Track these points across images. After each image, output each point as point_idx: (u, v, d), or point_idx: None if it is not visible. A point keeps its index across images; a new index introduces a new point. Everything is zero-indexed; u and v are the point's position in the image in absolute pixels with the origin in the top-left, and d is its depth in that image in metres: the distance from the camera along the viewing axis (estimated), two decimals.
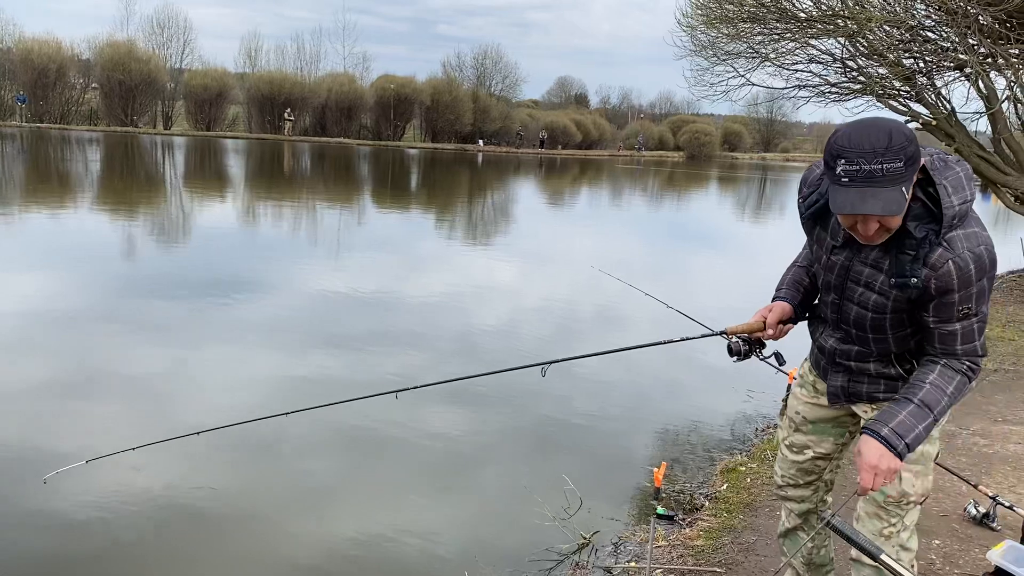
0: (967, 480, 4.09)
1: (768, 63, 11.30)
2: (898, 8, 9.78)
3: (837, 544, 2.75)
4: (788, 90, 11.98)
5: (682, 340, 2.69)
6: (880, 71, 10.62)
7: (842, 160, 1.96)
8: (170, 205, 17.57)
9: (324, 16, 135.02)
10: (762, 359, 2.58)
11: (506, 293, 10.41)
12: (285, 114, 47.23)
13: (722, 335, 2.55)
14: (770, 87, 12.60)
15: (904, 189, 1.94)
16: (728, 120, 73.31)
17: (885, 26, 9.75)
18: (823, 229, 2.29)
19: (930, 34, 10.22)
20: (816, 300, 2.53)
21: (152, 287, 9.09)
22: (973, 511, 3.95)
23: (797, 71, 11.58)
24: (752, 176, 48.02)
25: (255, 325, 7.81)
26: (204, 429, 3.06)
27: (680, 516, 4.15)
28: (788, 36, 10.83)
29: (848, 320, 2.29)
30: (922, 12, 9.85)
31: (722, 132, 71.31)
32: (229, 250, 12.27)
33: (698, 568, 3.53)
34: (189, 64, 50.58)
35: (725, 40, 11.31)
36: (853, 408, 2.45)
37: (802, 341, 2.61)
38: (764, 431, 5.68)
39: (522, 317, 9.03)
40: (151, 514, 4.13)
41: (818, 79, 11.52)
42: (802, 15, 10.56)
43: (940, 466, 4.22)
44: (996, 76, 10.22)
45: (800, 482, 2.63)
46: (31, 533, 3.88)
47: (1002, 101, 10.18)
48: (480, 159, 45.07)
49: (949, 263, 2.02)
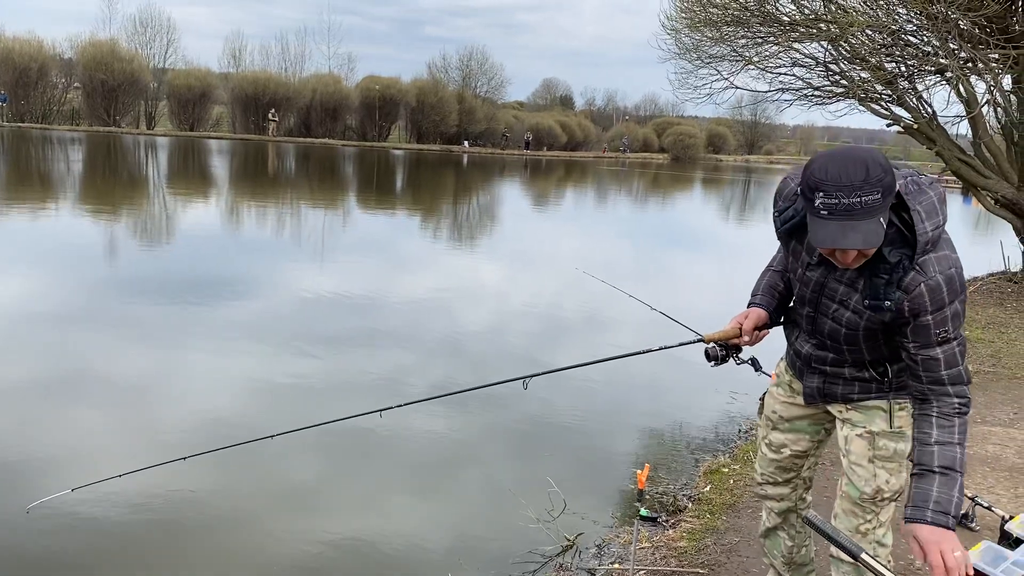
0: None
1: (752, 66, 11.37)
2: (880, 13, 9.86)
3: (818, 543, 2.78)
4: (771, 93, 12.05)
5: (661, 349, 2.70)
6: (862, 75, 10.71)
7: (820, 193, 1.97)
8: (152, 206, 17.45)
9: (309, 16, 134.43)
10: (739, 363, 2.61)
11: (491, 296, 10.42)
12: (269, 114, 46.99)
13: (700, 342, 2.58)
14: (754, 90, 12.72)
15: (882, 220, 1.97)
16: (712, 122, 73.56)
17: (867, 30, 9.84)
18: (799, 243, 2.32)
19: (911, 38, 10.32)
20: (791, 304, 2.55)
21: (133, 290, 9.03)
22: None
23: (780, 74, 11.66)
24: (736, 178, 48.26)
25: (238, 329, 7.77)
26: (191, 454, 3.13)
27: (663, 518, 4.17)
28: (771, 40, 10.89)
29: (823, 332, 2.34)
30: (903, 17, 9.93)
31: (706, 134, 71.58)
32: (211, 253, 12.20)
33: (681, 569, 3.54)
34: (172, 64, 50.24)
35: (709, 43, 11.36)
36: (828, 407, 2.49)
37: (778, 343, 2.64)
38: (747, 432, 5.72)
39: (507, 320, 9.04)
40: (134, 521, 4.10)
41: (801, 82, 11.60)
42: (785, 19, 10.63)
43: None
44: (976, 80, 10.33)
45: (779, 480, 2.67)
46: (12, 541, 3.85)
47: (982, 105, 10.29)
48: (465, 160, 45.04)
49: (921, 286, 2.06)
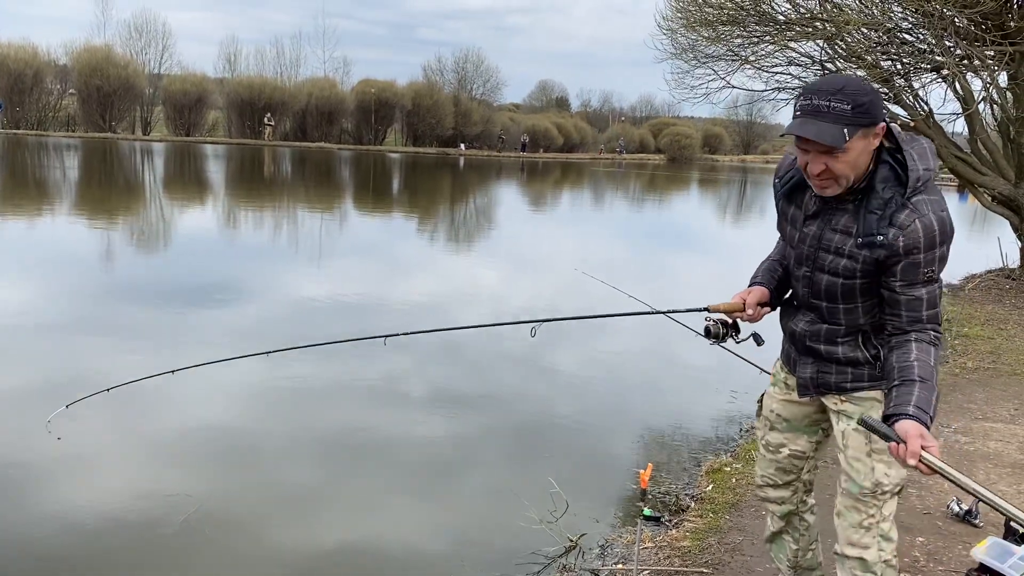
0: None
1: (748, 65, 11.38)
2: (875, 11, 9.87)
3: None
4: (768, 92, 12.06)
5: (667, 313, 2.80)
6: (858, 73, 10.70)
7: (802, 97, 2.15)
8: (148, 212, 17.42)
9: (303, 20, 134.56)
10: (738, 342, 2.65)
11: (489, 296, 10.40)
12: (265, 119, 46.97)
13: (704, 311, 2.64)
14: (750, 89, 12.69)
15: (846, 131, 2.07)
16: (708, 123, 73.66)
17: (863, 28, 9.84)
18: (797, 207, 2.40)
19: (907, 36, 10.33)
20: (787, 293, 2.58)
21: (130, 294, 9.00)
22: (956, 508, 3.98)
23: (776, 73, 11.67)
24: (733, 178, 48.31)
25: (235, 330, 7.74)
26: (179, 368, 3.10)
27: (666, 517, 4.16)
28: (767, 39, 10.90)
29: (819, 292, 2.35)
30: (899, 15, 9.94)
31: (702, 135, 71.69)
32: (207, 258, 12.17)
33: (685, 569, 3.53)
34: (168, 69, 50.28)
35: (705, 43, 11.37)
36: (823, 400, 2.47)
37: (777, 336, 2.64)
38: (748, 431, 5.70)
39: (509, 319, 9.02)
40: (131, 523, 4.08)
41: (798, 81, 11.60)
42: (781, 18, 10.64)
43: None
44: (972, 77, 10.34)
45: (779, 482, 2.65)
46: (11, 545, 3.83)
47: (979, 102, 10.30)
48: (462, 163, 45.04)
49: (916, 222, 2.12)
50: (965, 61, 9.59)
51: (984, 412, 5.71)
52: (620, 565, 3.71)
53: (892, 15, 9.95)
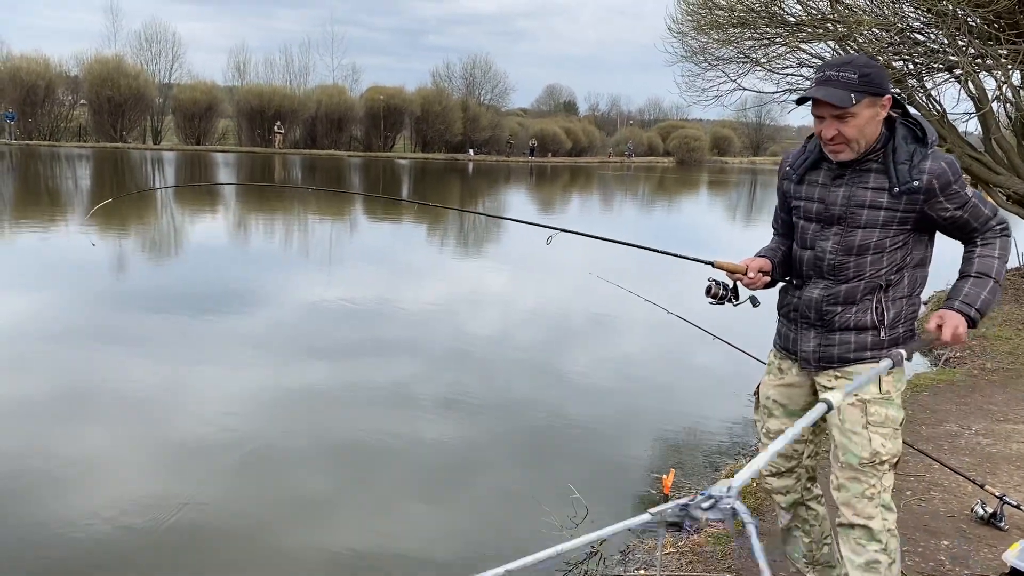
0: (973, 480, 4.08)
1: (759, 68, 11.34)
2: (887, 11, 9.82)
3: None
4: (779, 94, 12.01)
5: (674, 255, 2.97)
6: None
7: (816, 72, 2.46)
8: (160, 220, 17.50)
9: (312, 28, 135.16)
10: (736, 304, 2.77)
11: (503, 301, 10.39)
12: (275, 127, 47.19)
13: (711, 265, 2.77)
14: (761, 91, 12.65)
15: (853, 96, 2.32)
16: (717, 125, 73.62)
17: (875, 29, 9.80)
18: (812, 184, 2.58)
19: (918, 36, 10.27)
20: (785, 276, 2.70)
21: (144, 302, 9.04)
22: (980, 511, 3.94)
23: (787, 75, 11.63)
24: (742, 180, 48.19)
25: (249, 337, 7.77)
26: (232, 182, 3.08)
27: (688, 523, 4.13)
28: (778, 41, 10.87)
29: (851, 247, 2.47)
30: (911, 15, 9.89)
31: (711, 137, 71.64)
32: (220, 264, 12.22)
33: (708, 574, 3.51)
34: (178, 78, 50.58)
35: (716, 45, 11.35)
36: (818, 380, 2.58)
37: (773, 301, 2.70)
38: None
39: (520, 324, 9.02)
40: (144, 530, 4.09)
41: (808, 83, 11.56)
42: (791, 19, 10.61)
43: (946, 466, 4.22)
44: (985, 76, 10.28)
45: (781, 469, 2.73)
46: (27, 549, 3.84)
47: (993, 101, 10.23)
48: (471, 168, 45.10)
49: (941, 163, 2.40)
50: (979, 60, 9.54)
51: (1005, 414, 5.67)
52: (642, 571, 3.69)
53: (904, 16, 9.90)
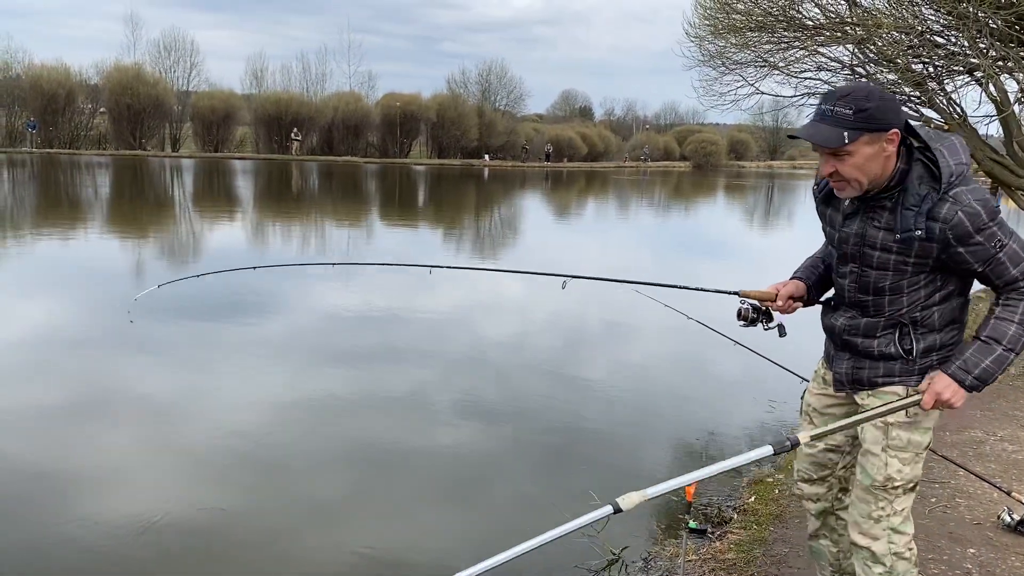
0: (999, 487, 4.03)
1: (777, 71, 11.28)
2: (906, 14, 9.75)
3: None
4: (797, 98, 11.93)
5: (697, 289, 2.96)
6: (889, 77, 10.58)
7: (818, 103, 2.29)
8: (179, 226, 17.63)
9: (329, 36, 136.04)
10: (766, 329, 2.71)
11: (518, 307, 10.38)
12: (292, 134, 47.44)
13: (736, 295, 2.72)
14: (779, 95, 12.55)
15: (846, 134, 2.17)
16: (734, 129, 73.31)
17: (894, 32, 9.73)
18: (835, 210, 2.47)
19: (938, 39, 10.19)
20: (827, 291, 2.65)
21: (163, 309, 9.10)
22: (1007, 519, 3.89)
23: (806, 79, 11.55)
24: (760, 184, 47.96)
25: (266, 343, 7.80)
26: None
27: (710, 530, 4.11)
28: (796, 44, 10.80)
29: (868, 287, 2.38)
30: (931, 17, 9.81)
31: (728, 141, 71.35)
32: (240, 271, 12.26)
33: None
34: (196, 86, 50.96)
35: (734, 50, 11.30)
36: (856, 398, 2.52)
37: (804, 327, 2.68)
38: None
39: (536, 330, 9.00)
40: (161, 533, 4.11)
41: (827, 87, 11.48)
42: (809, 23, 10.55)
43: (971, 473, 4.17)
44: (1007, 79, 10.18)
45: (814, 476, 2.71)
46: (45, 551, 3.87)
47: (1014, 104, 10.12)
48: (486, 174, 45.15)
49: (959, 214, 2.16)
50: (1000, 62, 9.45)
51: None
52: None
53: (924, 18, 9.83)
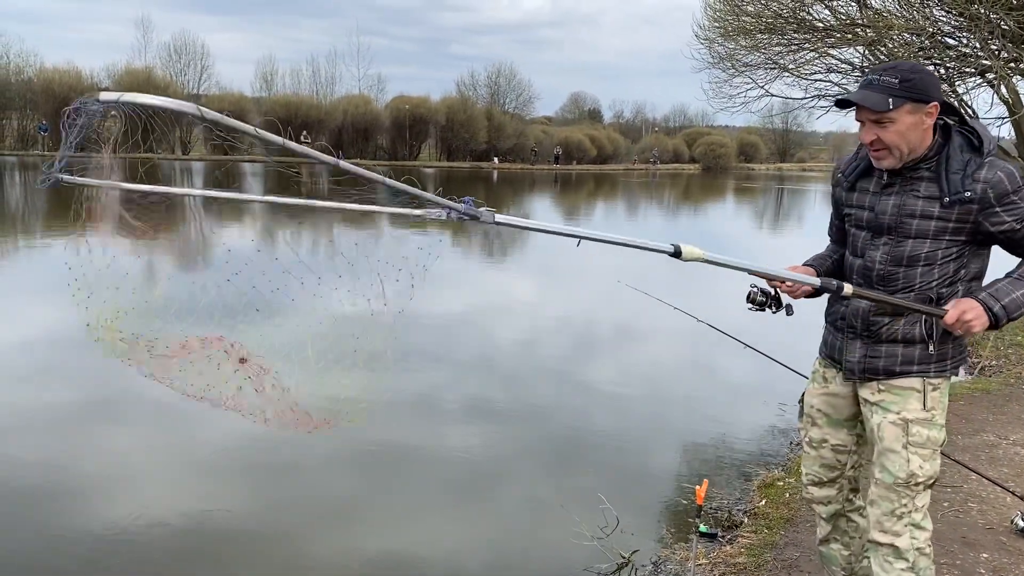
0: (1012, 491, 4.01)
1: (787, 73, 11.26)
2: (917, 15, 9.71)
3: None
4: (807, 100, 11.90)
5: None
6: None
7: (862, 77, 2.38)
8: (189, 229, 17.66)
9: (338, 39, 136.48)
10: (774, 312, 2.72)
11: (528, 308, 10.38)
12: (302, 136, 47.63)
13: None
14: (789, 97, 12.52)
15: (891, 100, 2.26)
16: (743, 131, 73.20)
17: (905, 33, 9.69)
18: (865, 190, 2.52)
19: (950, 40, 10.14)
20: (851, 261, 2.62)
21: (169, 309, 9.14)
22: (1021, 523, 3.86)
23: (816, 81, 11.52)
24: (769, 186, 47.84)
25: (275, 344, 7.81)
26: None
27: (721, 533, 4.09)
28: (807, 46, 10.78)
29: (902, 257, 2.41)
30: (942, 19, 9.77)
31: (737, 143, 71.23)
32: (248, 273, 12.30)
33: None
34: (206, 89, 51.27)
35: (743, 52, 11.29)
36: (862, 392, 2.52)
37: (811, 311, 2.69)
38: (798, 445, 5.60)
39: (546, 332, 9.00)
40: (170, 535, 4.13)
41: (837, 88, 11.44)
42: (820, 25, 10.52)
43: (984, 477, 4.15)
44: (1019, 81, 10.13)
45: (823, 479, 2.70)
46: (54, 552, 3.89)
47: None
48: (495, 176, 45.19)
49: (998, 172, 2.30)
50: (1012, 64, 9.40)
51: None
52: None
53: (935, 19, 9.78)
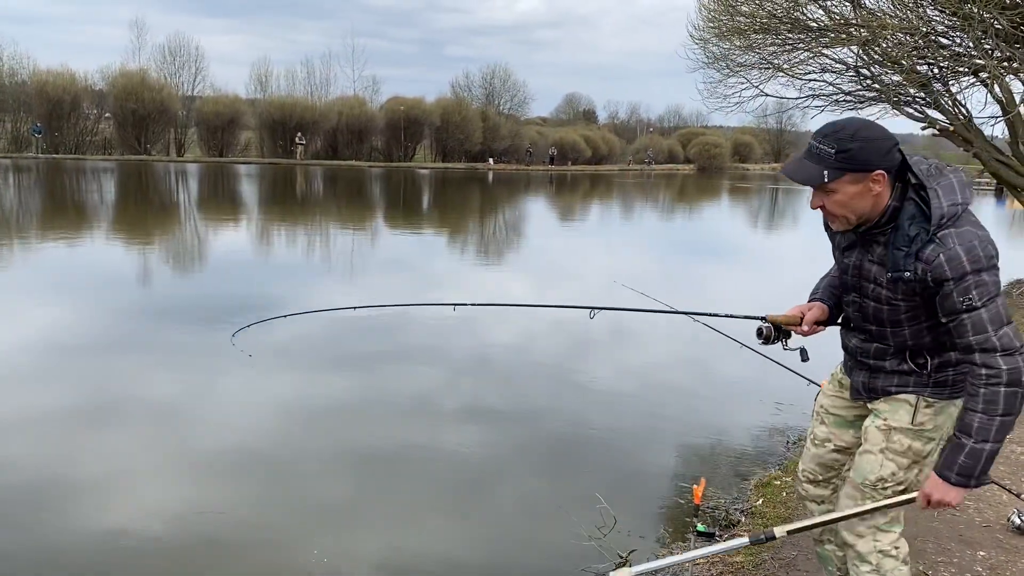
0: (1009, 489, 4.02)
1: (781, 73, 11.28)
2: (911, 15, 9.74)
3: None
4: (802, 100, 11.93)
5: (728, 316, 2.94)
6: (895, 78, 10.57)
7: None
8: (184, 232, 17.67)
9: (333, 40, 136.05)
10: (786, 348, 2.73)
11: (525, 310, 10.37)
12: (296, 138, 47.53)
13: (762, 319, 2.73)
14: (784, 97, 12.56)
15: (826, 173, 2.21)
16: (738, 132, 73.30)
17: (898, 33, 9.71)
18: (842, 236, 2.49)
19: (943, 39, 10.17)
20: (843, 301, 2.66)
21: (167, 313, 9.12)
22: (1017, 521, 3.88)
23: (810, 80, 11.55)
24: (764, 187, 47.93)
25: (271, 347, 7.80)
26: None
27: (718, 533, 4.10)
28: (801, 46, 10.81)
29: (869, 316, 2.43)
30: (936, 18, 9.80)
31: (732, 144, 71.32)
32: (244, 274, 12.30)
33: None
34: (201, 91, 50.99)
35: (738, 52, 11.31)
36: (870, 406, 2.55)
37: (833, 345, 2.67)
38: (796, 444, 5.61)
39: (541, 332, 9.00)
40: (165, 539, 4.11)
41: (832, 88, 11.48)
42: (814, 25, 10.55)
43: None
44: (1012, 80, 10.16)
45: (819, 477, 2.73)
46: (50, 555, 3.88)
47: (1020, 105, 10.11)
48: (491, 177, 45.19)
49: (940, 256, 2.17)
50: (1005, 63, 9.43)
51: None
52: None
53: (928, 19, 9.81)
